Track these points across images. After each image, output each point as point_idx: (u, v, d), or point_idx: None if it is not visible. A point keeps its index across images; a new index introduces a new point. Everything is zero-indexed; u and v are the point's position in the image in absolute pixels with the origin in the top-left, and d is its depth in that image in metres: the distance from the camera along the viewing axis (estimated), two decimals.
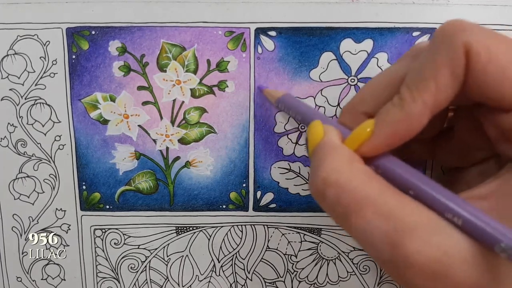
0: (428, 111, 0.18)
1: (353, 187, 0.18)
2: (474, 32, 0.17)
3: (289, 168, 0.29)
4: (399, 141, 0.19)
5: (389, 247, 0.16)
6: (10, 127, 0.29)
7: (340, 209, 0.18)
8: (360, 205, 0.17)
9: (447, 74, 0.17)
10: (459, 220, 0.16)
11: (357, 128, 0.20)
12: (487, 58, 0.17)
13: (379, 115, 0.19)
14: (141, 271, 0.31)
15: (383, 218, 0.17)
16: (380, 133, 0.19)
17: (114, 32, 0.27)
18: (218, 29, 0.27)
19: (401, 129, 0.18)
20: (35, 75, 0.28)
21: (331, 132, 0.21)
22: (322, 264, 0.31)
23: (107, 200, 0.30)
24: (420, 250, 0.16)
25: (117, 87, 0.28)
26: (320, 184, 0.18)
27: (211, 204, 0.30)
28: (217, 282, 0.31)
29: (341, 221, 0.18)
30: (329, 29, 0.27)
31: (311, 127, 0.21)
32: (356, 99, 0.23)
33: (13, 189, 0.30)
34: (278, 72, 0.28)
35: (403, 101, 0.18)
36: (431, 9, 0.27)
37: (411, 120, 0.18)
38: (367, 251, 0.18)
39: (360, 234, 0.17)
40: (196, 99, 0.28)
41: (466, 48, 0.17)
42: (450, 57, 0.17)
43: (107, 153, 0.29)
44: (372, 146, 0.19)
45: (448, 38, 0.17)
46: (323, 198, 0.18)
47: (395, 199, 0.17)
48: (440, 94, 0.18)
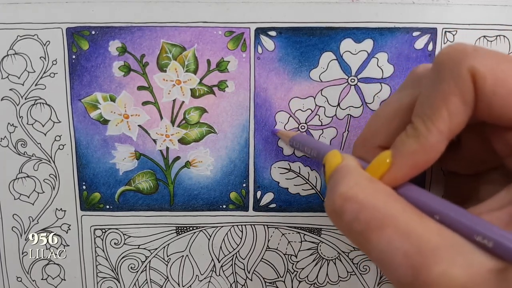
0: (445, 139, 0.18)
1: (374, 203, 0.17)
2: (478, 56, 0.17)
3: (289, 168, 0.29)
4: (419, 171, 0.19)
5: (411, 270, 0.16)
6: (10, 127, 0.29)
7: (359, 227, 0.17)
8: (381, 223, 0.16)
9: (457, 101, 0.17)
10: (490, 242, 0.16)
11: (375, 160, 0.19)
12: (494, 81, 0.17)
13: (395, 146, 0.19)
14: (141, 271, 0.31)
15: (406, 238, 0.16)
16: (399, 164, 0.18)
17: (114, 32, 0.27)
18: (218, 29, 0.27)
19: (419, 160, 0.18)
20: (35, 75, 0.28)
21: (349, 158, 0.20)
22: (322, 264, 0.31)
23: (107, 200, 0.30)
24: (444, 273, 0.15)
25: (117, 87, 0.28)
26: (338, 199, 0.18)
27: (211, 204, 0.30)
28: (217, 282, 0.31)
29: (358, 240, 0.17)
30: (329, 29, 0.27)
31: (330, 155, 0.21)
32: (367, 132, 0.23)
33: (13, 189, 0.30)
34: (278, 72, 0.28)
35: (418, 132, 0.18)
36: (431, 9, 0.27)
37: (429, 150, 0.18)
38: (386, 273, 0.17)
39: (380, 254, 0.17)
40: (196, 99, 0.28)
41: (472, 73, 0.17)
42: (457, 84, 0.17)
43: (107, 153, 0.29)
44: (392, 177, 0.19)
45: (452, 64, 0.17)
46: (341, 214, 0.18)
47: (418, 220, 0.17)
48: (454, 120, 0.17)
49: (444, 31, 0.27)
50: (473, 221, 0.17)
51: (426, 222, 0.17)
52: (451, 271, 0.15)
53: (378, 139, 0.22)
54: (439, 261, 0.15)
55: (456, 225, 0.17)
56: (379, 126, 0.22)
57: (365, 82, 0.28)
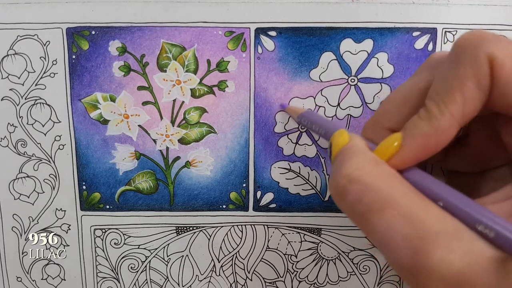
0: (457, 124, 0.18)
1: (378, 186, 0.17)
2: (497, 43, 0.17)
3: (289, 168, 0.29)
4: (427, 155, 0.18)
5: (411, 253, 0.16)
6: (10, 127, 0.29)
7: (361, 208, 0.17)
8: (383, 205, 0.17)
9: (473, 86, 0.17)
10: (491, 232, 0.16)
11: (384, 141, 0.19)
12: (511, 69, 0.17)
13: (406, 128, 0.19)
14: (141, 271, 0.31)
15: (407, 222, 0.16)
16: (409, 146, 0.18)
17: (114, 32, 0.27)
18: (218, 29, 0.27)
19: (430, 143, 0.18)
20: (35, 75, 0.28)
21: (356, 138, 0.20)
22: (322, 264, 0.31)
23: (107, 200, 0.30)
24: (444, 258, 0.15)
25: (117, 87, 0.28)
26: (342, 180, 0.18)
27: (211, 204, 0.30)
28: (217, 282, 0.31)
29: (360, 221, 0.18)
30: (329, 29, 0.27)
31: (337, 134, 0.21)
32: (377, 114, 0.23)
33: (13, 189, 0.30)
34: (278, 72, 0.28)
35: (431, 114, 0.18)
36: (431, 9, 0.27)
37: (440, 133, 0.18)
38: (385, 255, 0.17)
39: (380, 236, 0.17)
40: (196, 99, 0.28)
41: (490, 59, 0.17)
42: (474, 69, 0.17)
43: (107, 153, 0.29)
44: (401, 159, 0.19)
45: (470, 49, 0.17)
46: (344, 195, 0.18)
47: (421, 204, 0.17)
48: (467, 106, 0.17)
49: (444, 31, 0.27)
50: (476, 210, 0.17)
51: (429, 207, 0.17)
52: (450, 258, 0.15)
53: (389, 122, 0.22)
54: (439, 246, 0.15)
55: (459, 213, 0.17)
56: (391, 109, 0.22)
57: (365, 82, 0.28)
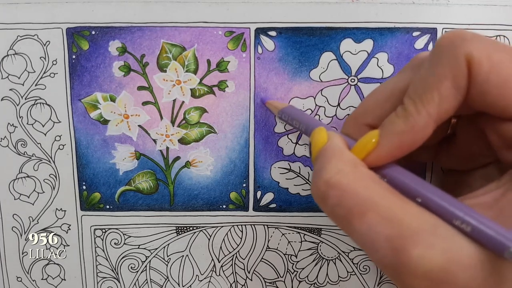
0: (433, 122, 0.18)
1: (356, 190, 0.17)
2: (476, 43, 0.17)
3: (289, 168, 0.29)
4: (404, 152, 0.19)
5: (392, 252, 0.16)
6: (10, 127, 0.29)
7: (342, 211, 0.18)
8: (363, 208, 0.17)
9: (450, 86, 0.17)
10: (468, 227, 0.16)
11: (362, 138, 0.20)
12: (489, 68, 0.17)
13: (383, 126, 0.19)
14: (141, 271, 0.31)
15: (386, 222, 0.16)
16: (386, 143, 0.19)
17: (114, 32, 0.27)
18: (218, 29, 0.27)
19: (406, 140, 0.18)
20: (35, 75, 0.28)
21: (335, 137, 0.21)
22: (322, 264, 0.31)
23: (107, 200, 0.30)
24: (423, 255, 0.16)
25: (117, 87, 0.28)
26: (322, 186, 0.18)
27: (211, 204, 0.30)
28: (217, 282, 0.31)
29: (342, 224, 0.18)
30: (329, 29, 0.27)
31: (315, 132, 0.21)
32: (359, 110, 0.23)
33: (13, 189, 0.30)
34: (278, 72, 0.28)
35: (407, 112, 0.18)
36: (431, 9, 0.27)
37: (416, 131, 0.18)
38: (369, 255, 0.18)
39: (362, 238, 0.17)
40: (196, 99, 0.28)
41: (467, 58, 0.17)
42: (452, 68, 0.17)
43: (107, 153, 0.29)
44: (377, 156, 0.19)
45: (449, 49, 0.17)
46: (325, 200, 0.18)
47: (399, 204, 0.17)
48: (444, 105, 0.18)
49: (444, 31, 0.27)
50: (453, 204, 0.17)
51: (407, 206, 0.17)
52: (429, 254, 0.16)
53: (369, 118, 0.22)
54: (418, 244, 0.16)
55: (437, 208, 0.17)
56: (371, 105, 0.22)
57: (365, 82, 0.28)
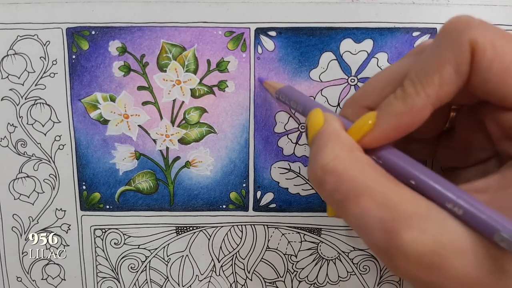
0: (431, 105, 0.18)
1: (353, 174, 0.18)
2: (481, 29, 0.17)
3: (289, 168, 0.29)
4: (400, 134, 0.19)
5: (385, 235, 0.16)
6: (10, 127, 0.29)
7: (338, 196, 0.18)
8: (358, 193, 0.17)
9: (451, 70, 0.17)
10: (460, 210, 0.16)
11: (359, 120, 0.20)
12: (492, 56, 0.17)
13: (381, 107, 0.19)
14: (141, 271, 0.31)
15: (381, 207, 0.17)
16: (382, 125, 0.19)
17: (114, 32, 0.27)
18: (218, 29, 0.27)
19: (403, 122, 0.18)
20: (35, 75, 0.28)
21: (332, 120, 0.20)
22: (322, 264, 0.31)
23: (107, 200, 0.30)
24: (416, 239, 0.16)
25: (117, 87, 0.28)
26: (319, 171, 0.18)
27: (211, 204, 0.30)
28: (217, 282, 0.31)
29: (338, 208, 0.18)
30: (329, 29, 0.27)
31: (312, 114, 0.21)
32: (359, 93, 0.23)
33: (13, 189, 0.30)
34: (278, 72, 0.28)
35: (406, 94, 0.18)
36: (431, 9, 0.27)
37: (413, 113, 0.18)
38: (363, 239, 0.18)
39: (357, 222, 0.17)
40: (196, 99, 0.28)
41: (471, 44, 0.17)
42: (455, 53, 0.17)
43: (107, 153, 0.29)
44: (374, 137, 0.19)
45: (454, 34, 0.17)
46: (322, 185, 0.18)
47: (393, 189, 0.17)
48: (444, 89, 0.18)
49: None
50: (446, 187, 0.17)
51: (401, 191, 0.17)
52: (421, 237, 0.16)
53: (368, 100, 0.22)
54: (411, 227, 0.16)
55: (430, 191, 0.17)
56: (372, 88, 0.22)
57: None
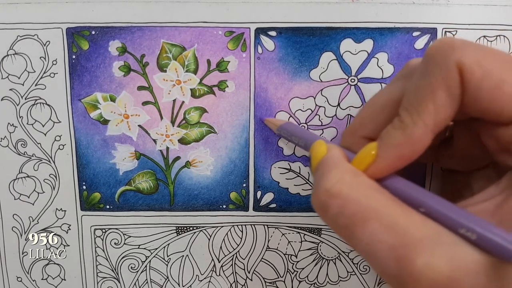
0: (430, 132, 0.18)
1: (358, 198, 0.17)
2: (466, 50, 0.17)
3: (289, 168, 0.29)
4: (403, 163, 0.19)
5: (395, 262, 0.16)
6: (10, 127, 0.29)
7: (344, 220, 0.17)
8: (365, 217, 0.17)
9: (444, 95, 0.17)
10: (473, 235, 0.16)
11: (360, 152, 0.19)
12: (480, 74, 0.17)
13: (381, 138, 0.19)
14: (141, 271, 0.31)
15: (389, 231, 0.16)
16: (385, 156, 0.19)
17: (114, 32, 0.27)
18: (218, 29, 0.27)
19: (405, 152, 0.18)
20: (35, 75, 0.28)
21: (334, 149, 0.20)
22: (322, 264, 0.31)
23: (107, 200, 0.30)
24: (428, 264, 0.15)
25: (117, 87, 0.28)
26: (323, 195, 0.18)
27: (211, 204, 0.30)
28: (217, 282, 0.31)
29: (344, 234, 0.18)
30: (329, 29, 0.27)
31: (315, 145, 0.21)
32: (355, 123, 0.23)
33: (13, 189, 0.30)
34: (278, 72, 0.28)
35: (404, 124, 0.18)
36: (431, 9, 0.27)
37: (414, 142, 0.18)
38: (371, 265, 0.17)
39: (365, 247, 0.17)
40: (196, 99, 0.28)
41: (459, 66, 0.17)
42: (444, 77, 0.17)
43: (107, 153, 0.29)
44: (378, 168, 0.19)
45: (440, 58, 0.17)
46: (326, 209, 0.18)
47: (401, 212, 0.17)
48: (440, 114, 0.18)
49: (444, 31, 0.27)
50: (457, 213, 0.17)
51: (410, 215, 0.17)
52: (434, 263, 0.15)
53: (366, 130, 0.22)
54: (422, 252, 0.16)
55: (441, 218, 0.17)
56: (368, 117, 0.22)
57: (365, 82, 0.28)
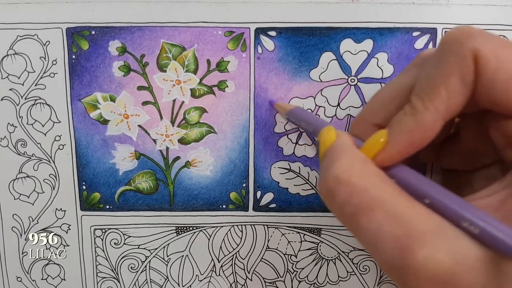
0: (441, 119, 0.18)
1: (366, 187, 0.17)
2: (482, 39, 0.17)
3: (289, 168, 0.29)
4: (413, 150, 0.19)
5: (398, 252, 0.16)
6: (10, 127, 0.29)
7: (350, 209, 0.17)
8: (371, 206, 0.17)
9: (457, 81, 0.17)
10: (476, 229, 0.16)
11: (370, 138, 0.19)
12: (495, 65, 0.17)
13: (392, 124, 0.19)
14: (141, 271, 0.31)
15: (394, 222, 0.16)
16: (395, 142, 0.18)
17: (114, 32, 0.27)
18: (218, 29, 0.27)
19: (415, 138, 0.18)
20: (35, 75, 0.28)
21: (344, 135, 0.20)
22: (322, 264, 0.31)
23: (107, 200, 0.30)
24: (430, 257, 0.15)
25: (117, 87, 0.28)
26: (331, 181, 0.18)
27: (211, 204, 0.30)
28: (217, 282, 0.31)
29: (349, 222, 0.18)
30: (329, 29, 0.27)
31: (324, 131, 0.21)
32: (366, 110, 0.23)
33: (13, 189, 0.30)
34: (278, 72, 0.28)
35: (415, 109, 0.18)
36: (431, 9, 0.27)
37: (425, 128, 0.18)
38: (373, 255, 0.17)
39: (368, 236, 0.17)
40: (196, 99, 0.28)
41: (474, 54, 0.17)
42: (459, 64, 0.17)
43: (107, 153, 0.29)
44: (387, 155, 0.19)
45: (456, 44, 0.17)
46: (333, 196, 0.18)
47: (407, 204, 0.17)
48: (452, 101, 0.17)
49: (444, 31, 0.27)
50: (461, 206, 0.17)
51: (415, 207, 0.17)
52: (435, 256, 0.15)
53: (376, 118, 0.22)
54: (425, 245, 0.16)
55: (445, 210, 0.17)
56: (378, 105, 0.22)
57: (365, 82, 0.28)
